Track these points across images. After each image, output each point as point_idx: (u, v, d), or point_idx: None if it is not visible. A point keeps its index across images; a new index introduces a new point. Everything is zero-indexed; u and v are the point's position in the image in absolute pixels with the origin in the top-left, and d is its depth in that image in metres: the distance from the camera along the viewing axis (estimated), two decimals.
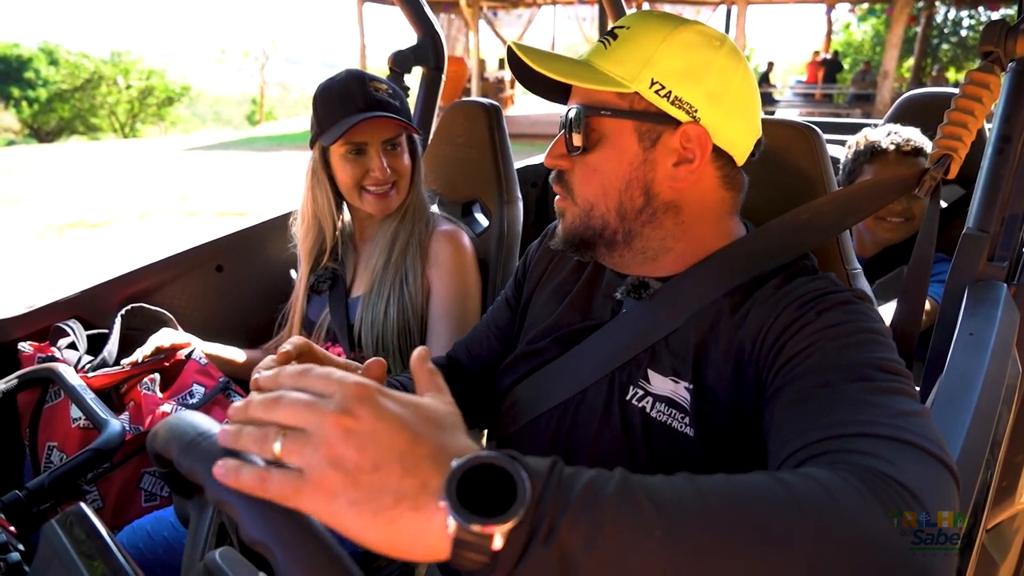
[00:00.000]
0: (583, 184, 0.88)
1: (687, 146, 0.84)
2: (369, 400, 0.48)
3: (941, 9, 19.97)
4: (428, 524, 0.45)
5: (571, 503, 0.45)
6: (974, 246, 1.10)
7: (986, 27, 1.07)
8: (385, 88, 1.41)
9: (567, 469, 0.48)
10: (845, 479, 0.51)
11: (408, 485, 0.46)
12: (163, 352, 1.48)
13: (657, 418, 0.84)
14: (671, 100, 0.82)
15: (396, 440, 0.47)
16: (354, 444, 0.46)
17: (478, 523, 0.43)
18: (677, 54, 0.82)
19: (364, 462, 0.46)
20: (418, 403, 0.51)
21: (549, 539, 0.44)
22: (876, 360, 0.67)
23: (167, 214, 7.58)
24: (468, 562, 0.44)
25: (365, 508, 0.45)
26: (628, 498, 0.47)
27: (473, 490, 0.45)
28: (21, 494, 0.95)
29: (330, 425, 0.47)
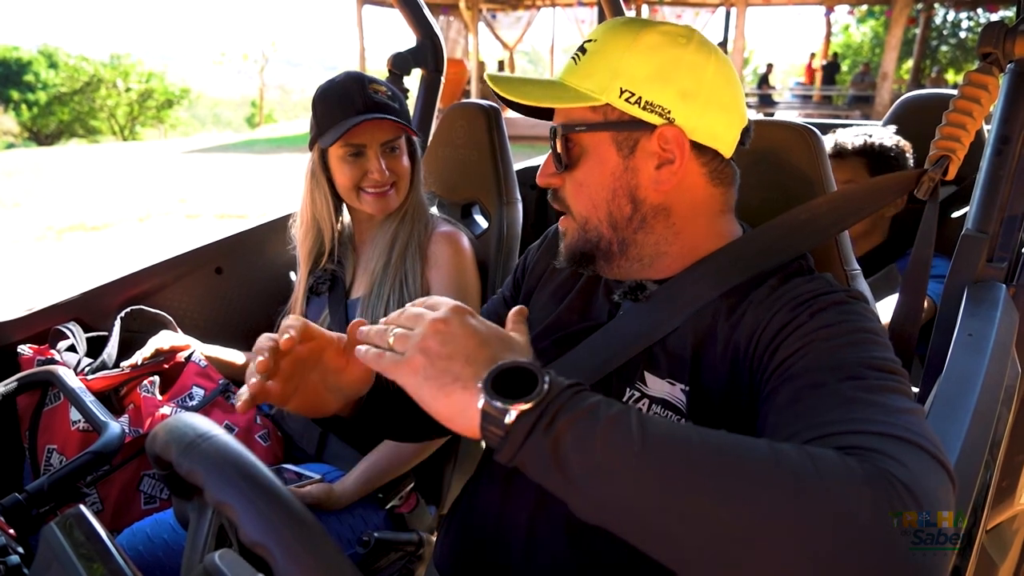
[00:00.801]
0: (574, 200, 0.90)
1: (666, 148, 0.84)
2: (460, 313, 0.66)
3: (940, 11, 20.01)
4: (471, 401, 0.59)
5: (575, 410, 0.55)
6: (973, 247, 1.10)
7: (984, 29, 1.07)
8: (384, 90, 1.41)
9: (587, 391, 0.58)
10: (844, 461, 0.52)
11: (466, 372, 0.60)
12: (163, 354, 1.48)
13: None
14: (642, 105, 0.82)
15: (469, 342, 0.63)
16: (439, 339, 0.63)
17: (498, 400, 0.56)
18: (643, 59, 0.83)
19: (442, 351, 0.62)
20: (498, 328, 0.68)
21: (549, 430, 0.54)
22: (870, 359, 0.67)
23: (167, 217, 7.58)
24: (489, 434, 0.57)
25: (435, 383, 0.61)
26: (623, 419, 0.55)
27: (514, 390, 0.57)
28: (20, 497, 0.95)
29: (429, 324, 0.64)
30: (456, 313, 0.65)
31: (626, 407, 0.56)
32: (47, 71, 28.70)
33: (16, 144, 25.12)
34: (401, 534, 1.35)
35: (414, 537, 1.37)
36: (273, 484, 0.50)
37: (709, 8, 16.17)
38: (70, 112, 27.97)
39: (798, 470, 0.51)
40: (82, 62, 28.77)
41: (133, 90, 28.81)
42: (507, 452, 0.56)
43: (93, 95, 28.03)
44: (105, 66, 29.01)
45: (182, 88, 31.29)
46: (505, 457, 0.56)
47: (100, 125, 28.41)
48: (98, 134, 27.96)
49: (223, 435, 0.54)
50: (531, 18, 17.63)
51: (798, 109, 15.39)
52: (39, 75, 28.40)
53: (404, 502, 1.41)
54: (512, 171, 1.70)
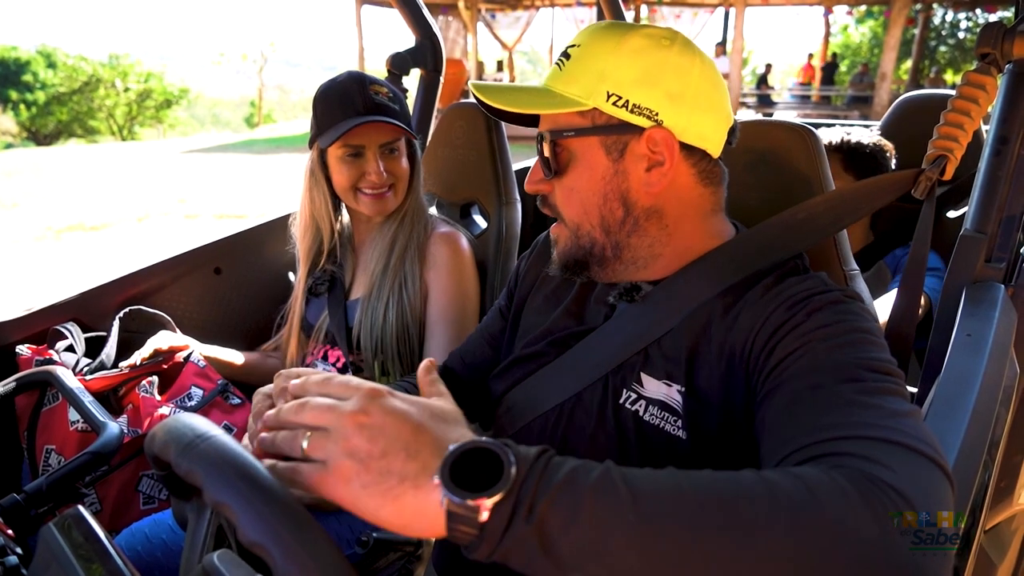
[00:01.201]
0: (565, 206, 0.90)
1: (655, 150, 0.84)
2: (379, 399, 0.56)
3: (939, 11, 20.03)
4: (427, 501, 0.51)
5: (553, 486, 0.50)
6: (972, 247, 1.10)
7: (983, 29, 1.07)
8: (385, 92, 1.41)
9: (556, 457, 0.53)
10: (832, 478, 0.52)
11: (411, 468, 0.52)
12: (161, 354, 1.48)
13: (650, 421, 0.83)
14: (630, 108, 0.83)
15: (401, 431, 0.54)
16: (366, 435, 0.53)
17: (466, 497, 0.49)
18: (629, 62, 0.83)
19: (374, 450, 0.53)
20: (424, 401, 0.59)
21: (530, 517, 0.49)
22: (867, 360, 0.67)
23: (166, 217, 7.58)
24: (460, 534, 0.50)
25: (375, 489, 0.52)
26: (607, 485, 0.50)
27: (471, 474, 0.50)
28: (19, 497, 0.95)
29: (346, 421, 0.54)
30: (372, 399, 0.55)
31: (605, 466, 0.52)
32: (46, 71, 28.67)
33: (15, 144, 25.10)
34: (400, 534, 1.35)
35: (413, 537, 1.36)
36: (271, 484, 0.50)
37: (708, 8, 16.17)
38: (69, 112, 27.93)
39: (794, 501, 0.50)
40: (81, 62, 28.73)
41: (132, 90, 28.77)
42: (484, 550, 0.50)
43: (92, 95, 28.00)
44: (104, 66, 28.97)
45: (181, 88, 31.25)
46: (483, 555, 0.50)
47: (99, 125, 28.38)
48: (97, 134, 27.93)
49: (222, 435, 0.54)
50: (530, 18, 17.62)
51: (797, 109, 15.39)
52: (38, 75, 28.37)
53: None
54: (511, 171, 1.70)
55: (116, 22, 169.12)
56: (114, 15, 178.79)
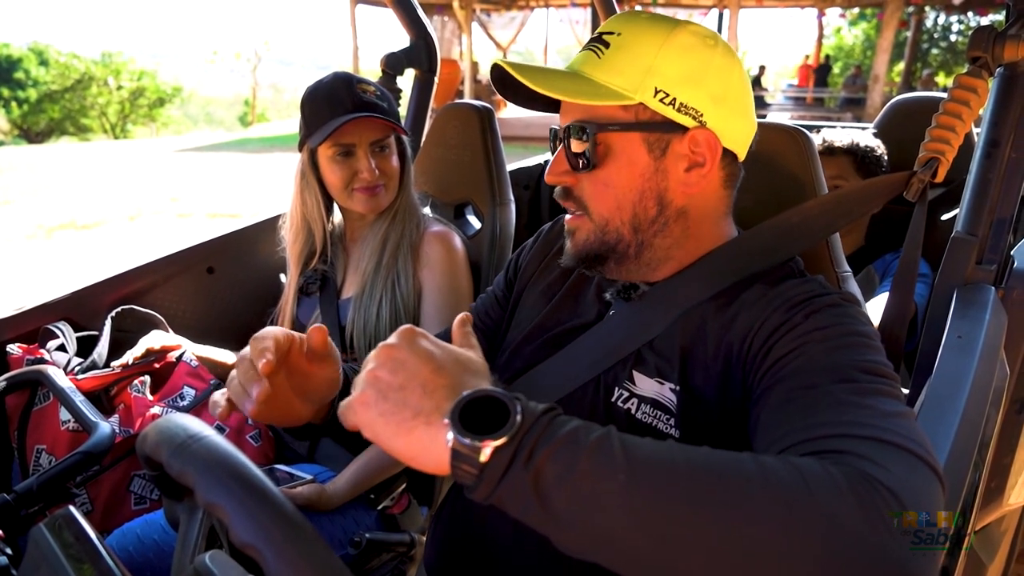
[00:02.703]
0: (596, 199, 0.86)
1: (696, 150, 0.83)
2: (409, 336, 0.60)
3: (931, 14, 20.14)
4: (436, 438, 0.53)
5: (554, 439, 0.51)
6: (963, 249, 1.11)
7: (974, 33, 1.08)
8: (373, 90, 1.41)
9: (562, 416, 0.54)
10: (826, 470, 0.52)
11: (425, 404, 0.55)
12: (153, 354, 1.48)
13: (642, 420, 0.84)
14: (676, 107, 0.81)
15: (421, 368, 0.57)
16: (388, 367, 0.57)
17: (470, 437, 0.51)
18: (677, 59, 0.81)
19: (394, 381, 0.56)
20: (452, 348, 0.62)
21: (528, 464, 0.51)
22: (862, 362, 0.68)
23: (158, 215, 7.54)
24: (462, 473, 0.52)
25: (391, 419, 0.55)
26: (604, 445, 0.52)
27: (481, 421, 0.52)
28: (9, 497, 0.95)
29: (377, 352, 0.59)
30: (404, 336, 0.60)
31: (606, 430, 0.53)
32: (38, 68, 28.48)
33: (6, 142, 24.95)
34: (393, 535, 1.35)
35: (406, 538, 1.36)
36: (264, 485, 0.50)
37: (702, 10, 16.22)
38: (61, 110, 27.77)
39: (787, 484, 0.50)
40: (73, 60, 28.56)
41: (125, 88, 28.63)
42: (483, 491, 0.52)
43: (84, 93, 27.84)
44: (96, 64, 28.82)
45: (174, 86, 31.11)
46: (481, 496, 0.52)
47: (91, 123, 28.22)
48: (89, 132, 27.78)
49: (214, 436, 0.54)
50: (525, 18, 17.64)
51: (790, 111, 15.46)
52: (29, 72, 28.18)
53: (396, 503, 1.40)
54: (505, 172, 1.70)
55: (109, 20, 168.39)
56: (107, 12, 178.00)
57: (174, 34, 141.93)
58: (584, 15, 15.82)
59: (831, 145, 1.80)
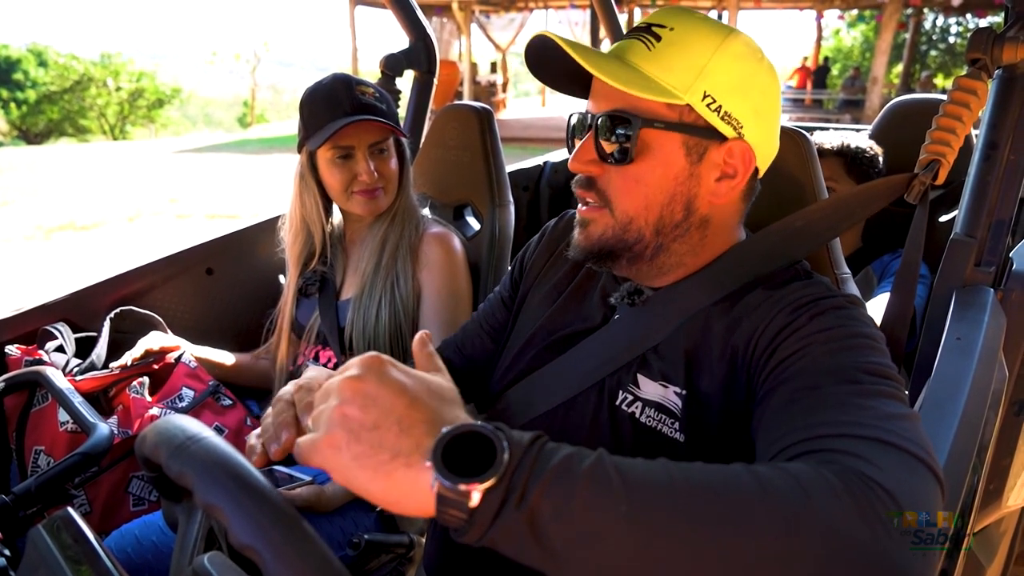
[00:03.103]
0: (623, 195, 0.84)
1: (729, 162, 0.83)
2: (376, 367, 0.55)
3: (929, 16, 20.17)
4: (417, 480, 0.49)
5: (545, 473, 0.49)
6: (961, 251, 1.11)
7: (973, 35, 1.08)
8: (372, 92, 1.41)
9: (550, 444, 0.51)
10: (821, 475, 0.52)
11: (403, 444, 0.51)
12: (152, 355, 1.47)
13: (647, 423, 0.84)
14: (721, 115, 0.80)
15: (396, 403, 0.52)
16: (358, 403, 0.52)
17: (457, 482, 0.47)
18: (729, 66, 0.80)
19: (366, 420, 0.51)
20: (423, 376, 0.57)
21: (521, 504, 0.48)
22: (866, 364, 0.68)
23: (157, 216, 7.54)
24: (450, 518, 0.49)
25: (366, 462, 0.50)
26: (600, 474, 0.49)
27: (463, 456, 0.49)
28: (7, 499, 0.94)
29: (342, 385, 0.53)
30: (371, 367, 0.55)
31: (598, 455, 0.51)
32: (36, 69, 28.49)
33: (5, 143, 24.94)
34: (392, 536, 1.35)
35: (405, 539, 1.36)
36: (263, 486, 0.50)
37: (700, 11, 16.21)
38: (60, 111, 27.77)
39: (785, 495, 0.50)
40: (72, 61, 28.57)
41: (124, 89, 28.63)
42: (474, 535, 0.49)
43: (83, 94, 27.85)
44: (95, 65, 28.83)
45: (173, 87, 31.12)
46: (472, 539, 0.49)
47: (90, 124, 28.22)
48: (88, 133, 27.78)
49: (213, 437, 0.54)
50: (524, 20, 17.65)
51: (789, 112, 15.47)
52: (28, 73, 28.19)
53: None
54: (504, 173, 1.70)
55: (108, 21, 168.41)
56: (106, 14, 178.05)
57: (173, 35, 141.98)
58: (583, 16, 15.83)
59: (820, 147, 1.80)
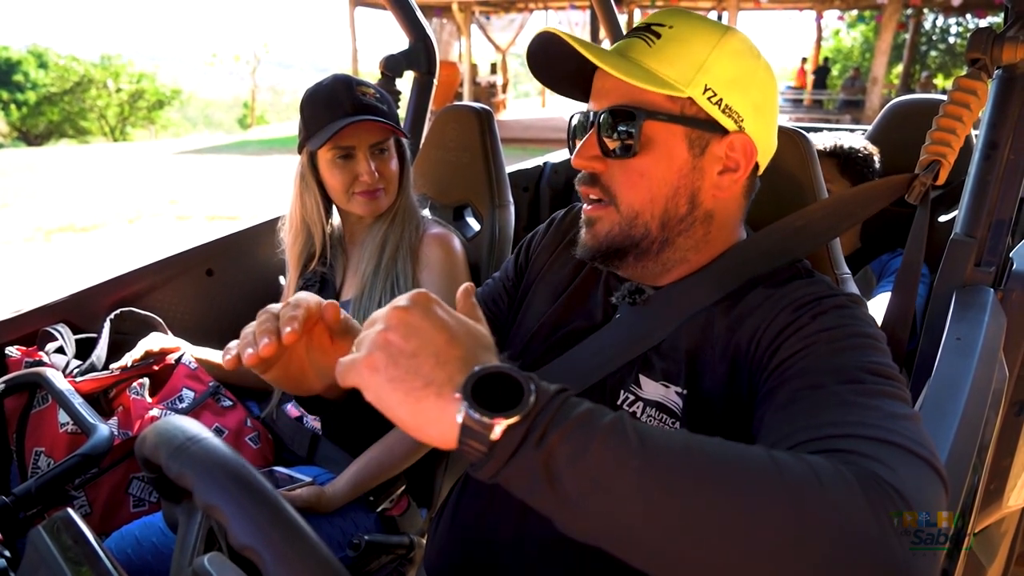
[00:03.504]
0: (628, 189, 0.84)
1: (731, 155, 0.84)
2: (423, 302, 0.57)
3: (929, 16, 20.18)
4: (445, 410, 0.51)
5: (567, 420, 0.50)
6: (962, 251, 1.11)
7: (973, 35, 1.08)
8: (372, 92, 1.41)
9: (575, 397, 0.53)
10: (837, 468, 0.52)
11: (437, 374, 0.53)
12: (152, 356, 1.47)
13: (647, 424, 0.84)
14: (722, 108, 0.81)
15: (436, 337, 0.55)
16: (401, 331, 0.54)
17: (483, 414, 0.49)
18: (729, 61, 0.82)
19: (406, 347, 0.54)
20: (465, 320, 0.59)
21: (541, 444, 0.50)
22: (869, 364, 0.68)
23: (157, 218, 7.54)
24: (470, 449, 0.51)
25: (399, 386, 0.53)
26: (618, 428, 0.51)
27: (491, 398, 0.51)
28: (7, 500, 0.94)
29: (388, 314, 0.56)
30: (419, 301, 0.57)
31: (618, 414, 0.52)
32: (37, 71, 28.51)
33: (5, 144, 24.97)
34: (392, 537, 1.35)
35: (405, 540, 1.36)
36: (263, 487, 0.50)
37: (701, 11, 16.22)
38: (60, 112, 27.79)
39: (800, 478, 0.50)
40: (72, 62, 28.61)
41: (124, 91, 28.66)
42: (490, 468, 0.51)
43: (83, 95, 27.87)
44: (95, 66, 28.86)
45: (173, 89, 31.15)
46: (487, 473, 0.51)
47: (90, 126, 28.24)
48: (88, 135, 27.80)
49: (212, 438, 0.54)
50: (524, 21, 17.66)
51: (789, 113, 15.48)
52: (29, 75, 28.21)
53: (395, 505, 1.40)
54: (504, 174, 1.70)
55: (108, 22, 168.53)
56: (106, 15, 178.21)
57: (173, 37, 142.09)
58: (583, 17, 15.85)
59: (827, 148, 1.81)
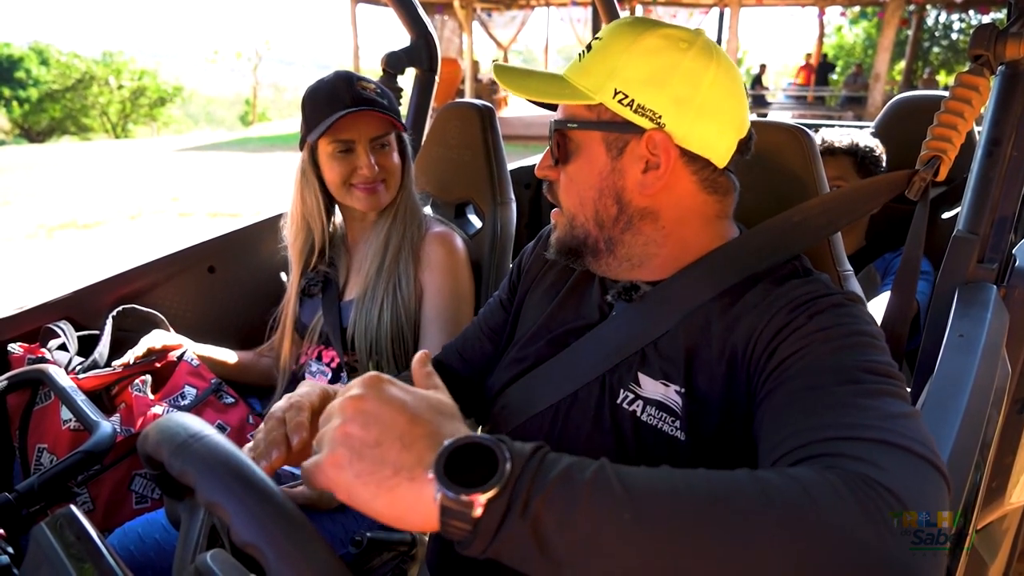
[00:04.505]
0: (564, 195, 0.91)
1: (654, 153, 0.84)
2: (376, 384, 0.56)
3: (932, 13, 20.11)
4: (421, 494, 0.50)
5: (548, 482, 0.49)
6: (964, 248, 1.11)
7: (975, 31, 1.08)
8: (373, 87, 1.41)
9: (551, 454, 0.52)
10: (826, 480, 0.52)
11: (405, 459, 0.51)
12: (155, 353, 1.48)
13: (648, 422, 0.83)
14: (634, 108, 0.83)
15: (397, 420, 0.53)
16: (360, 421, 0.53)
17: (460, 492, 0.48)
18: (640, 61, 0.83)
19: (368, 437, 0.52)
20: (422, 393, 0.58)
21: (525, 513, 0.48)
22: (867, 363, 0.68)
23: (159, 215, 7.55)
24: (454, 530, 0.49)
25: (369, 479, 0.51)
26: (603, 482, 0.50)
27: (465, 470, 0.49)
28: (10, 496, 0.95)
29: (344, 405, 0.55)
30: (371, 385, 0.56)
31: (599, 463, 0.51)
32: (39, 68, 28.50)
33: (7, 141, 24.98)
34: (394, 534, 1.34)
35: (407, 537, 1.36)
36: (265, 484, 0.50)
37: (703, 9, 16.20)
38: (62, 109, 27.78)
39: (789, 500, 0.50)
40: (74, 59, 28.58)
41: (125, 87, 28.63)
42: (478, 546, 0.49)
43: (85, 92, 27.85)
44: (97, 63, 28.84)
45: (175, 86, 31.12)
46: (476, 551, 0.49)
47: (92, 123, 28.23)
48: (90, 131, 27.79)
49: (215, 435, 0.54)
50: (525, 18, 17.63)
51: (791, 110, 15.44)
52: (30, 72, 28.20)
53: None
54: (506, 171, 1.70)
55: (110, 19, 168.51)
56: (107, 12, 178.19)
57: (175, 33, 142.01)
58: (585, 14, 15.81)
59: (831, 145, 1.78)
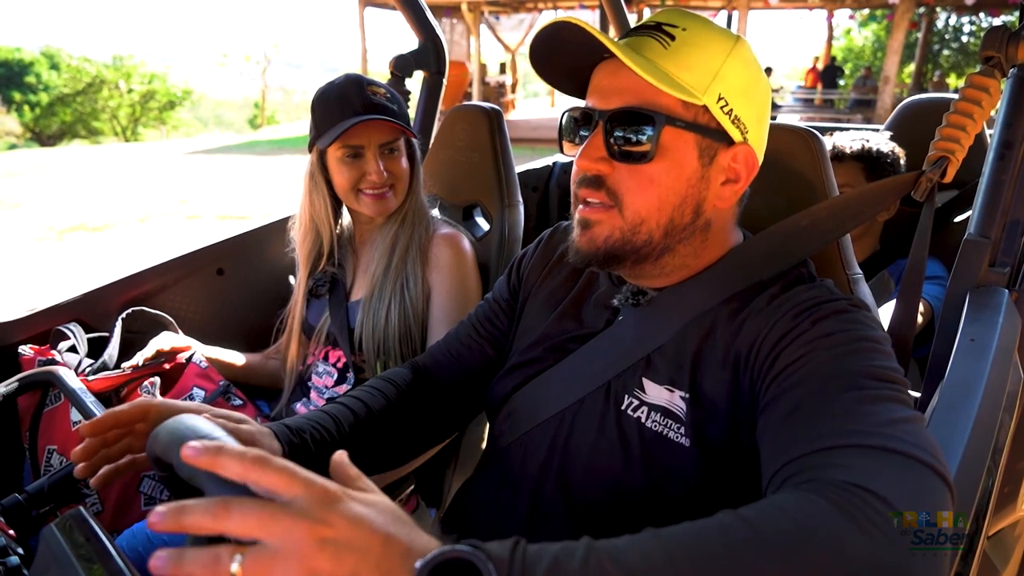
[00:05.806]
0: (636, 195, 0.80)
1: (734, 166, 0.83)
2: (338, 504, 0.46)
3: (942, 15, 20.04)
4: None
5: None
6: (975, 252, 1.10)
7: (987, 33, 1.07)
8: (383, 92, 1.41)
9: (530, 548, 0.48)
10: (813, 502, 0.52)
11: None
12: (163, 355, 1.48)
13: (653, 428, 0.83)
14: (732, 118, 0.80)
15: (371, 544, 0.45)
16: (329, 553, 0.44)
17: None
18: (740, 70, 0.80)
19: (342, 571, 0.44)
20: (375, 500, 0.50)
21: None
22: (870, 368, 0.67)
23: (168, 217, 7.58)
24: None
25: None
26: (594, 568, 0.46)
27: None
28: (20, 497, 0.95)
29: (304, 536, 0.43)
30: (331, 504, 0.46)
31: (586, 548, 0.48)
32: (49, 72, 28.77)
33: (18, 145, 25.18)
34: None
35: None
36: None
37: (711, 11, 16.18)
38: (72, 113, 28.01)
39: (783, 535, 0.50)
40: (84, 63, 28.82)
41: (135, 91, 28.85)
42: None
43: (95, 96, 28.07)
44: (107, 67, 29.07)
45: (184, 89, 31.33)
46: None
47: (102, 126, 28.44)
48: (100, 135, 28.00)
49: (224, 437, 0.54)
50: (533, 20, 17.65)
51: (800, 112, 15.39)
52: (41, 76, 28.48)
53: (404, 504, 1.40)
54: (513, 173, 1.70)
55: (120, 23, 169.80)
56: (117, 16, 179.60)
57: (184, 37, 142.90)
58: (592, 17, 15.82)
59: (840, 151, 1.74)
